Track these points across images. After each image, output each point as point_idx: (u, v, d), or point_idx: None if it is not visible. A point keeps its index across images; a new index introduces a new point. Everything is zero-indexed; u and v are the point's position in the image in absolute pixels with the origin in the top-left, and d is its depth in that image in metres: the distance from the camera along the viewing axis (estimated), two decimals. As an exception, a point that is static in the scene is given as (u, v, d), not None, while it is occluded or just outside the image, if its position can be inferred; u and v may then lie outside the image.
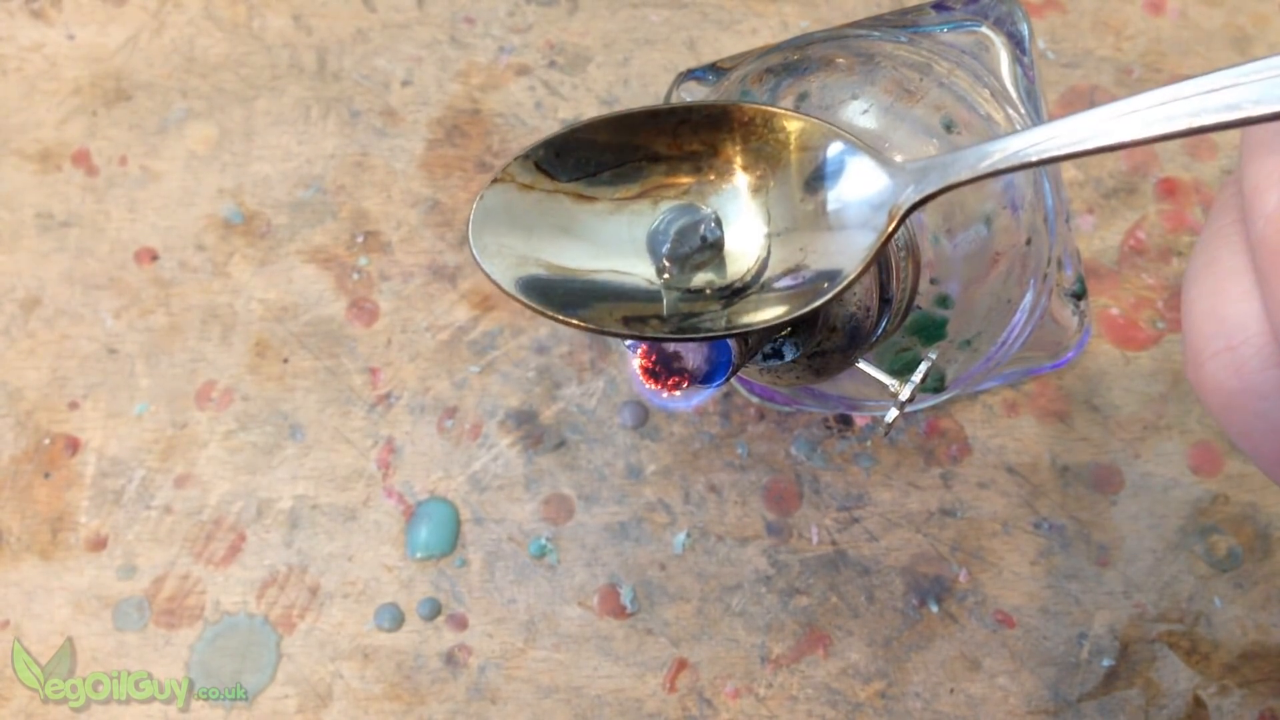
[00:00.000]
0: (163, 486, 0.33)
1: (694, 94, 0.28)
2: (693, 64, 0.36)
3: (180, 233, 0.35)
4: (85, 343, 0.35)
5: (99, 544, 0.33)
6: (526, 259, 0.20)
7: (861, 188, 0.20)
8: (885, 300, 0.23)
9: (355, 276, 0.35)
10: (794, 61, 0.26)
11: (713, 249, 0.20)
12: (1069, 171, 0.35)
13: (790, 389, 0.28)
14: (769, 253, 0.21)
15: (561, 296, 0.20)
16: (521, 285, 0.20)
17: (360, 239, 0.35)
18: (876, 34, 0.26)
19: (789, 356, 0.23)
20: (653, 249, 0.21)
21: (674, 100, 0.28)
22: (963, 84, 0.25)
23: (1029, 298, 0.26)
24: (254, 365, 0.34)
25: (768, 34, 0.37)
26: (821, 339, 0.22)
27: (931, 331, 0.25)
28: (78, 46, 0.37)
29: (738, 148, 0.21)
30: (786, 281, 0.20)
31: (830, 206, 0.20)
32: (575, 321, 0.19)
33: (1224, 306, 0.18)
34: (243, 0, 0.38)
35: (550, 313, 0.20)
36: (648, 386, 0.21)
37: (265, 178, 0.36)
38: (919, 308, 0.25)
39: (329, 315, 0.35)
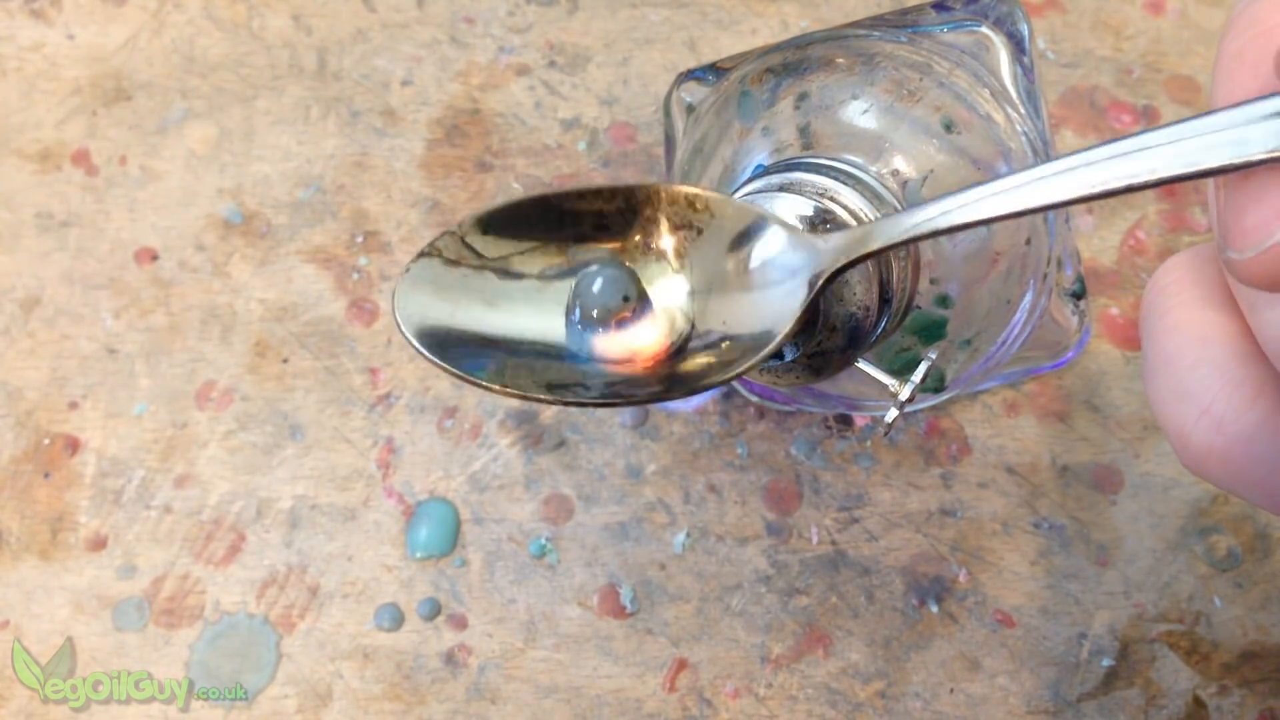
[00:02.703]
0: (163, 486, 0.33)
1: (694, 94, 0.28)
2: (693, 64, 0.36)
3: (180, 233, 0.35)
4: (85, 343, 0.35)
5: (99, 544, 0.33)
6: (452, 331, 0.21)
7: (782, 261, 0.21)
8: (885, 300, 0.23)
9: (355, 276, 0.35)
10: (794, 61, 0.26)
11: (630, 303, 0.21)
12: (1069, 171, 0.35)
13: (790, 389, 0.28)
14: (692, 324, 0.21)
15: (489, 364, 0.21)
16: (448, 354, 0.20)
17: (360, 239, 0.35)
18: (876, 34, 0.26)
19: (789, 356, 0.23)
20: (573, 307, 0.21)
21: (675, 99, 0.28)
22: (963, 84, 0.25)
23: (1029, 298, 0.26)
24: (254, 365, 0.34)
25: (768, 34, 0.37)
26: (821, 339, 0.22)
27: (931, 331, 0.25)
28: (78, 46, 0.37)
29: (660, 228, 0.21)
30: (709, 350, 0.21)
31: (753, 279, 0.21)
32: (496, 388, 0.20)
33: (1183, 384, 0.19)
34: (243, 0, 0.38)
35: (475, 380, 0.20)
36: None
37: (265, 178, 0.36)
38: (919, 308, 0.25)
39: (329, 315, 0.35)
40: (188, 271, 0.35)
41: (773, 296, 0.21)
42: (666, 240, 0.21)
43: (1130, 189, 0.17)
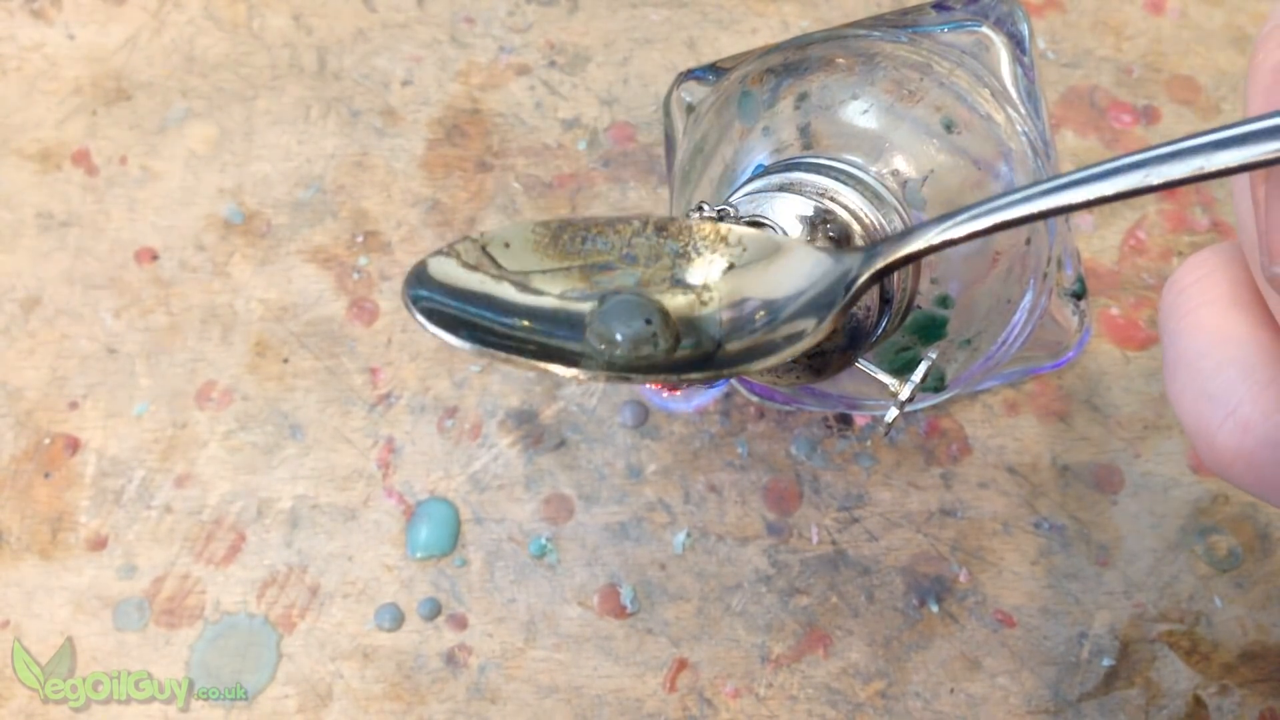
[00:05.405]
0: (163, 486, 0.33)
1: (694, 94, 0.28)
2: (693, 64, 0.36)
3: (180, 232, 0.35)
4: (85, 343, 0.35)
5: (99, 544, 0.33)
6: (461, 322, 0.20)
7: (817, 276, 0.21)
8: (885, 300, 0.23)
9: (355, 276, 0.35)
10: (794, 61, 0.26)
11: (653, 341, 0.20)
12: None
13: (790, 389, 0.28)
14: (718, 344, 0.20)
15: (504, 341, 0.20)
16: (459, 336, 0.19)
17: (360, 239, 0.35)
18: (876, 34, 0.26)
19: (789, 356, 0.23)
20: (591, 336, 0.20)
21: (675, 99, 0.28)
22: (963, 84, 0.25)
23: (1029, 297, 0.26)
24: (254, 365, 0.34)
25: (768, 34, 0.37)
26: (822, 339, 0.22)
27: (931, 331, 0.25)
28: (78, 46, 0.37)
29: (690, 260, 0.21)
30: (742, 357, 0.20)
31: (784, 304, 0.21)
32: (519, 360, 0.19)
33: (1208, 385, 0.19)
34: (243, 0, 0.38)
35: (494, 353, 0.19)
36: (648, 387, 0.21)
37: (265, 177, 0.36)
38: (919, 307, 0.25)
39: (329, 315, 0.35)
40: (188, 271, 0.35)
41: (806, 307, 0.20)
42: (695, 273, 0.21)
43: (1193, 179, 0.17)
